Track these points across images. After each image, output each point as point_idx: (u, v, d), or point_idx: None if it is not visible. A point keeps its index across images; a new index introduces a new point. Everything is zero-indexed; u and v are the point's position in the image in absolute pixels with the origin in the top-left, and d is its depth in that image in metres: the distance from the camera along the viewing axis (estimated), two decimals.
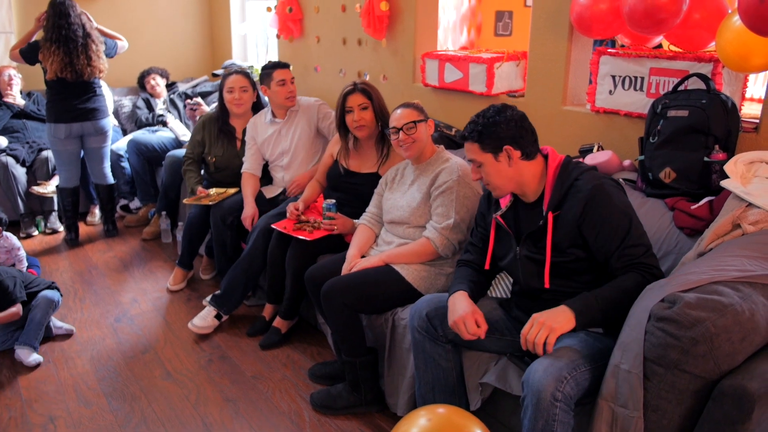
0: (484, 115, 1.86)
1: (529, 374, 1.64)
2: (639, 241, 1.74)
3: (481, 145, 1.85)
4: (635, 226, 1.75)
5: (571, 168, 1.85)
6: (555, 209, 1.81)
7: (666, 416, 1.47)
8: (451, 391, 2.00)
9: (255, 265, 2.96)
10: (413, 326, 2.04)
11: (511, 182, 1.88)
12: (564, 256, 1.81)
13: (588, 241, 1.78)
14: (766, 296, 1.50)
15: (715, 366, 1.41)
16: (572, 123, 2.74)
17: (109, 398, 2.50)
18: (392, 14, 3.55)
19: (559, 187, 1.82)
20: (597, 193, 1.75)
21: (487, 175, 1.87)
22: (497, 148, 1.83)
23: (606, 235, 1.74)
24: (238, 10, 5.38)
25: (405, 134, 2.37)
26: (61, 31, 3.65)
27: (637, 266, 1.73)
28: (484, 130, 1.84)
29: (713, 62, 2.22)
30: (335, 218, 2.70)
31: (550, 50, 2.78)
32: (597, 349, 1.70)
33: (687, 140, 2.12)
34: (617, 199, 1.77)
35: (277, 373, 2.68)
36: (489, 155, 1.85)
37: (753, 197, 1.85)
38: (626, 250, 1.73)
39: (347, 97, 2.72)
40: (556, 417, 1.58)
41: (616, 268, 1.75)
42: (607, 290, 1.72)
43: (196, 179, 3.43)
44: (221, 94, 3.38)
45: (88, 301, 3.31)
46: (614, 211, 1.75)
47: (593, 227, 1.75)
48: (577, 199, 1.77)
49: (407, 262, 2.37)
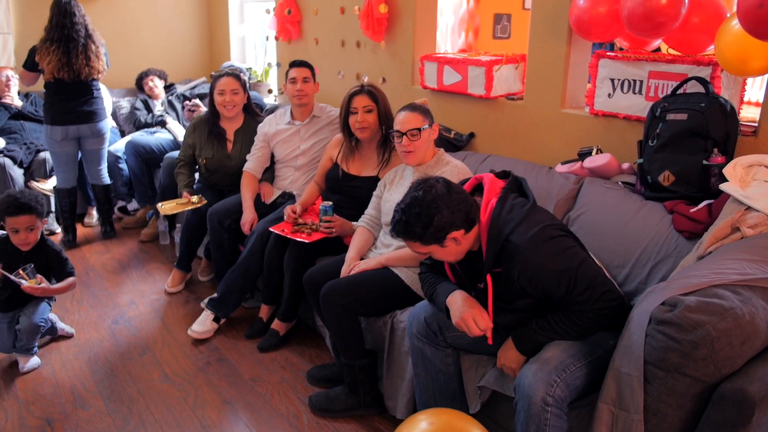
0: (410, 210, 1.71)
1: (519, 379, 1.66)
2: (586, 288, 1.67)
3: (422, 242, 1.73)
4: (580, 276, 1.67)
5: (501, 222, 1.72)
6: (494, 267, 1.74)
7: (666, 419, 1.47)
8: (452, 396, 2.00)
9: (252, 269, 2.96)
10: (412, 333, 2.04)
11: (461, 254, 1.80)
12: (513, 304, 1.80)
13: (534, 292, 1.74)
14: (766, 300, 1.50)
15: (715, 369, 1.41)
16: (571, 126, 2.74)
17: (107, 400, 2.49)
18: (391, 16, 3.55)
19: (491, 249, 1.72)
20: (530, 253, 1.67)
21: (439, 256, 1.79)
22: (441, 239, 1.72)
23: (550, 289, 1.70)
24: (237, 11, 5.38)
25: (408, 140, 2.36)
26: (64, 30, 3.64)
27: (589, 312, 1.70)
28: (422, 232, 1.70)
29: (712, 66, 2.23)
30: (333, 220, 2.70)
31: (549, 53, 2.78)
32: (588, 343, 1.72)
33: (686, 143, 2.13)
34: (554, 252, 1.69)
35: (276, 375, 2.68)
36: (434, 246, 1.74)
37: (752, 200, 1.85)
38: (574, 299, 1.69)
39: (353, 97, 2.72)
40: (547, 422, 1.60)
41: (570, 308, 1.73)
42: (553, 322, 1.73)
43: (185, 182, 3.41)
44: (212, 96, 3.37)
45: (86, 303, 3.30)
46: (551, 268, 1.67)
47: (534, 286, 1.71)
48: (513, 260, 1.69)
49: (406, 264, 2.37)
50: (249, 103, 3.47)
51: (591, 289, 1.68)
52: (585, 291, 1.68)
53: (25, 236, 2.58)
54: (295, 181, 3.30)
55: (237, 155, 3.39)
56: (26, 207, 2.56)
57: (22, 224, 2.56)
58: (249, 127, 3.44)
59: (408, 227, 1.71)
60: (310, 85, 3.22)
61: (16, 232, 2.57)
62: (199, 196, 3.28)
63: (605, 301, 1.70)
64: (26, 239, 2.59)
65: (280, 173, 3.36)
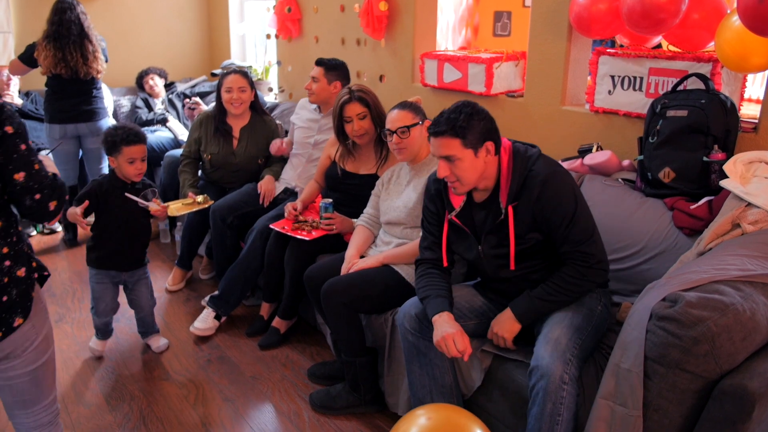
0: (461, 111, 1.83)
1: (536, 361, 1.70)
2: (583, 226, 1.85)
3: (464, 141, 1.82)
4: (580, 212, 1.85)
5: (522, 157, 1.90)
6: (513, 201, 1.88)
7: (667, 416, 1.47)
8: (449, 389, 2.00)
9: (253, 266, 2.96)
10: (404, 328, 2.05)
11: (479, 178, 1.89)
12: (525, 242, 1.90)
13: (541, 225, 1.87)
14: (767, 296, 1.50)
15: (716, 365, 1.41)
16: (571, 123, 2.74)
17: (108, 398, 2.49)
18: (391, 14, 3.55)
19: (516, 180, 1.87)
20: (551, 179, 1.85)
21: (462, 171, 1.85)
22: (479, 144, 1.84)
23: (557, 217, 1.84)
24: (237, 10, 5.38)
25: (398, 137, 2.38)
26: (53, 27, 3.67)
27: (575, 256, 1.85)
28: (467, 126, 1.81)
29: (712, 62, 2.23)
30: (333, 218, 2.70)
31: (549, 50, 2.78)
32: (583, 315, 1.84)
33: (686, 140, 2.12)
34: (568, 185, 1.88)
35: (277, 373, 2.68)
36: (470, 151, 1.84)
37: (752, 197, 1.85)
38: (570, 232, 1.84)
39: (344, 106, 2.70)
40: (563, 399, 1.65)
41: (561, 255, 1.89)
42: (547, 290, 1.88)
43: (190, 181, 3.39)
44: (219, 93, 3.37)
45: (87, 302, 3.30)
46: (564, 195, 1.85)
47: (546, 210, 1.85)
48: (534, 186, 1.85)
49: (406, 262, 2.37)
50: (256, 101, 3.47)
51: (584, 231, 1.85)
52: (581, 232, 1.84)
53: (140, 165, 2.57)
54: (302, 174, 3.29)
55: (242, 153, 3.39)
56: (142, 136, 2.58)
57: (138, 153, 2.55)
58: (255, 124, 3.44)
59: (454, 122, 1.82)
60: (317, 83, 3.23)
61: (132, 163, 2.54)
62: (204, 196, 3.27)
63: (591, 245, 1.85)
64: (141, 169, 2.58)
65: (293, 161, 3.37)
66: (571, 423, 1.67)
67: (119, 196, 2.56)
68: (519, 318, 1.89)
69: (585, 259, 1.85)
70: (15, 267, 1.52)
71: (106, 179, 2.61)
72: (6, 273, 1.49)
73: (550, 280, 1.89)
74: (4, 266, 1.49)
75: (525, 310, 1.90)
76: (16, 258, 1.52)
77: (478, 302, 2.08)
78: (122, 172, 2.57)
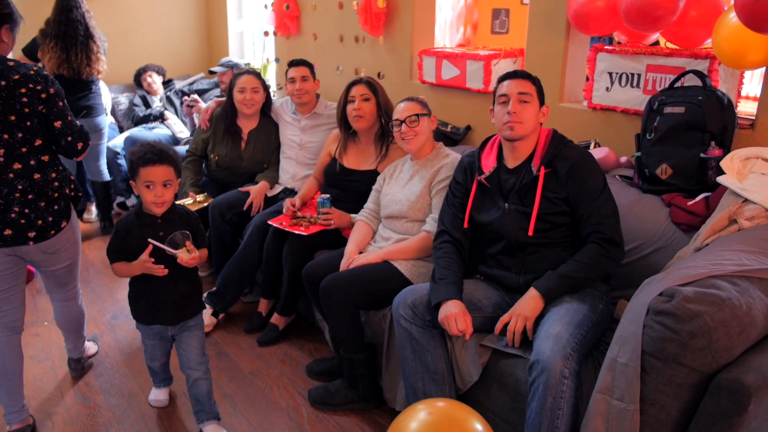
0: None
1: (537, 356, 1.71)
2: (606, 204, 1.98)
3: (538, 91, 2.07)
4: (608, 192, 2.00)
5: (559, 136, 2.10)
6: (546, 166, 2.01)
7: (664, 410, 1.48)
8: (441, 377, 2.02)
9: (250, 262, 2.96)
10: (399, 315, 2.06)
11: (533, 129, 2.07)
12: (551, 206, 2.00)
13: (570, 193, 1.98)
14: (763, 290, 1.51)
15: (712, 359, 1.42)
16: (569, 120, 2.75)
17: (107, 395, 2.50)
18: (389, 11, 3.55)
19: (552, 148, 2.04)
20: (585, 156, 2.03)
21: (528, 114, 2.03)
22: (542, 102, 2.09)
23: (586, 189, 1.97)
24: (235, 7, 5.37)
25: (407, 126, 2.40)
26: (60, 27, 3.64)
27: (596, 236, 1.94)
28: (540, 84, 2.09)
29: (710, 59, 2.23)
30: (330, 213, 2.71)
31: (547, 47, 2.78)
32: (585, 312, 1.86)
33: (683, 137, 2.13)
34: (599, 167, 2.04)
35: (275, 369, 2.69)
36: (538, 102, 2.07)
37: (749, 193, 1.86)
38: (597, 207, 1.96)
39: (351, 87, 2.75)
40: (563, 394, 1.66)
41: (583, 233, 1.99)
42: (569, 267, 1.95)
43: (191, 180, 3.39)
44: (231, 93, 3.36)
45: (85, 299, 3.30)
46: (596, 172, 2.01)
47: (577, 181, 1.98)
48: (568, 158, 2.01)
49: (407, 257, 2.38)
50: (268, 103, 3.46)
51: (611, 209, 1.98)
52: (607, 209, 1.97)
53: (161, 192, 2.00)
54: (296, 176, 3.31)
55: (249, 155, 3.38)
56: (165, 156, 2.01)
57: (159, 177, 1.99)
58: (264, 128, 3.43)
59: (529, 74, 2.10)
60: (310, 83, 3.23)
61: (149, 188, 2.00)
62: (204, 195, 3.27)
63: (612, 226, 1.95)
64: (162, 196, 2.00)
65: (284, 165, 3.38)
66: (571, 417, 1.69)
67: (143, 236, 2.02)
68: (544, 294, 1.92)
69: (609, 237, 1.93)
70: (62, 186, 2.17)
71: (132, 214, 2.11)
72: (57, 189, 2.15)
73: (572, 258, 1.97)
74: (54, 186, 2.14)
75: (549, 287, 1.93)
76: (62, 180, 2.18)
77: (479, 296, 2.10)
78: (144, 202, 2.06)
